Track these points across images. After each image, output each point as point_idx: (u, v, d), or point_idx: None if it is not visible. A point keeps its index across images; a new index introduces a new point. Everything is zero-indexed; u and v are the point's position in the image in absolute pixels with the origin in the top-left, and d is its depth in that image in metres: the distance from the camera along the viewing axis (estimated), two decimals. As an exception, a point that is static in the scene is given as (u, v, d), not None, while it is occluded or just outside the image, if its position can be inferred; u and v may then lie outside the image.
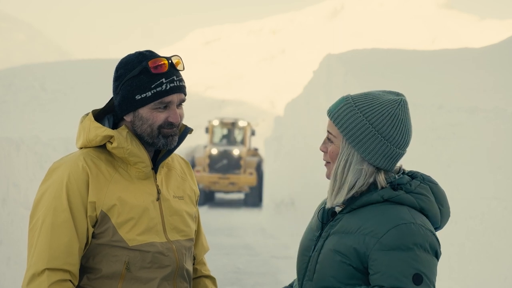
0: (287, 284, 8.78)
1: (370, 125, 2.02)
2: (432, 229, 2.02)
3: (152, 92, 2.22)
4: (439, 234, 2.24)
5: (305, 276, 2.10)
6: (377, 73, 11.30)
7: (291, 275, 9.11)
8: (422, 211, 2.04)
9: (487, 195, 6.28)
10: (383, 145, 2.02)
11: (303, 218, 11.70)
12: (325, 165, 2.11)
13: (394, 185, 2.04)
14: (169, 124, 2.24)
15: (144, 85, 2.22)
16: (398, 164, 2.12)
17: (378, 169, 2.05)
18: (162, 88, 2.22)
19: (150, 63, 2.22)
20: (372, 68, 11.76)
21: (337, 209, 2.13)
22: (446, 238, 6.43)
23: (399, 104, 2.04)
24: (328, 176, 2.11)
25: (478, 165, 6.52)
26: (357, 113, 2.03)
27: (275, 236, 14.27)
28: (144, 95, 2.22)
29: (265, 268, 10.13)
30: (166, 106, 2.24)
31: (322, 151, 2.10)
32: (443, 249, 6.87)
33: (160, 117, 2.23)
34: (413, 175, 2.12)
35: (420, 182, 2.07)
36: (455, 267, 6.43)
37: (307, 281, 2.09)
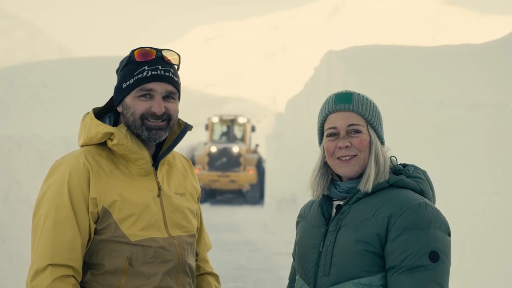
0: (288, 280, 8.81)
1: (378, 110, 2.20)
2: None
3: (134, 79, 2.24)
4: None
5: (318, 272, 2.11)
6: (377, 70, 11.30)
7: (293, 272, 9.11)
8: (421, 193, 2.12)
9: (488, 191, 6.29)
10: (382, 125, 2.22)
11: (304, 215, 11.66)
12: (348, 160, 2.13)
13: (396, 171, 2.14)
14: (152, 115, 2.24)
15: (129, 73, 2.25)
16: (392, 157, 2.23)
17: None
18: (143, 74, 2.24)
19: (136, 52, 2.26)
20: (373, 65, 11.76)
21: (336, 202, 2.17)
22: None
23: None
24: (352, 172, 2.13)
25: (479, 161, 6.53)
26: (370, 101, 2.18)
27: (277, 232, 14.29)
28: (128, 82, 2.25)
29: (267, 264, 10.15)
30: (150, 96, 2.24)
31: (346, 146, 2.12)
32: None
33: (142, 105, 2.24)
34: (402, 164, 2.22)
35: (415, 168, 2.18)
36: (455, 263, 6.44)
37: (322, 277, 2.10)
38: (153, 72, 2.23)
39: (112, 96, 2.35)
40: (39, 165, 6.98)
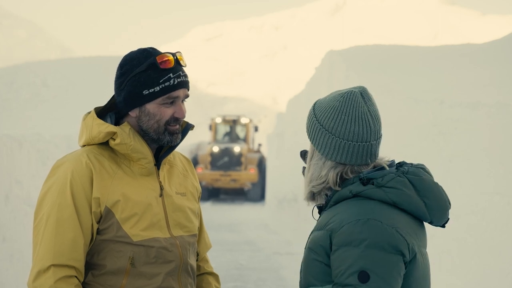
0: (289, 280, 8.80)
1: (316, 120, 2.08)
2: (400, 225, 1.97)
3: (160, 87, 2.24)
4: (439, 228, 2.21)
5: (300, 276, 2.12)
6: (379, 69, 11.29)
7: (294, 271, 9.13)
8: (396, 205, 2.01)
9: (489, 190, 6.29)
10: (328, 137, 2.05)
11: (306, 214, 11.71)
12: None
13: (364, 180, 2.03)
14: (175, 120, 2.27)
15: (152, 80, 2.24)
16: (384, 157, 2.11)
17: (338, 164, 2.06)
18: (170, 83, 2.24)
19: (158, 59, 2.24)
20: (373, 64, 11.76)
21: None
22: (447, 233, 6.44)
23: (341, 97, 2.06)
24: None
25: (480, 160, 6.52)
26: (311, 113, 2.11)
27: (278, 232, 14.30)
28: (152, 90, 2.24)
29: (267, 264, 10.15)
30: (172, 102, 2.26)
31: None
32: (445, 244, 6.85)
33: (167, 112, 2.26)
34: (400, 166, 2.09)
35: (398, 176, 2.03)
36: (456, 262, 6.44)
37: (300, 280, 2.10)
38: (178, 80, 2.25)
39: (114, 96, 2.34)
40: (40, 164, 6.98)
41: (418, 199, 2.03)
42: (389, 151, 2.23)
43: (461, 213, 6.44)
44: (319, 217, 2.13)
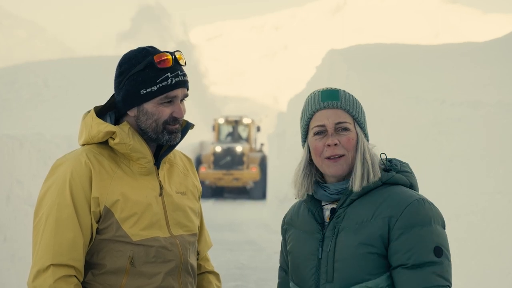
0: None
1: (362, 106, 2.17)
2: None
3: (158, 86, 2.23)
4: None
5: (320, 280, 2.07)
6: (379, 68, 11.30)
7: (294, 271, 9.11)
8: (411, 187, 2.12)
9: (489, 190, 6.29)
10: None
11: (306, 214, 11.67)
12: (336, 160, 2.08)
13: (386, 168, 2.12)
14: (173, 120, 2.26)
15: (150, 80, 2.23)
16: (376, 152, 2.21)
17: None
18: (168, 82, 2.23)
19: (156, 58, 2.23)
20: (374, 63, 11.76)
21: (328, 206, 2.12)
22: (447, 233, 6.44)
23: None
24: (340, 171, 2.08)
25: (481, 159, 6.52)
26: (355, 98, 2.16)
27: (279, 231, 14.28)
28: (150, 89, 2.23)
29: (268, 264, 10.15)
30: (170, 101, 2.25)
31: (334, 144, 2.07)
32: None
33: (165, 112, 2.25)
34: (388, 159, 2.19)
35: (400, 162, 2.17)
36: (456, 262, 6.44)
37: (325, 283, 2.05)
38: (176, 79, 2.24)
39: (113, 95, 2.34)
40: (41, 164, 6.99)
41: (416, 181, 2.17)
42: (389, 151, 2.25)
43: (461, 213, 6.44)
44: (333, 217, 2.09)
